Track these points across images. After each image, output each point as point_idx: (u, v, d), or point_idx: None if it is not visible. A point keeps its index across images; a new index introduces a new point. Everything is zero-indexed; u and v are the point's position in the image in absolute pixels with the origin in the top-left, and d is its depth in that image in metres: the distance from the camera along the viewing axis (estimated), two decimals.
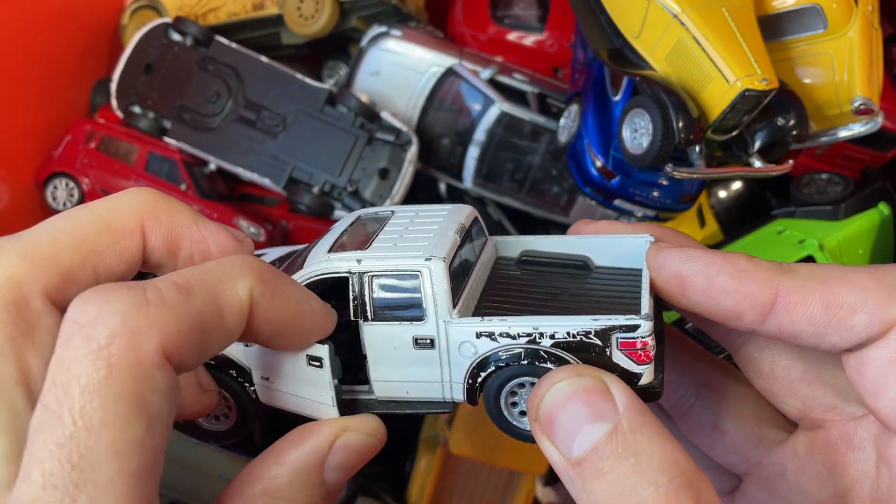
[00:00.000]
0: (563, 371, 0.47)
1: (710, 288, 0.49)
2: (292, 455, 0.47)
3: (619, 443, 0.41)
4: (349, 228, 0.61)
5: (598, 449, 0.42)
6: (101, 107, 1.22)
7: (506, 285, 0.60)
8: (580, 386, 0.45)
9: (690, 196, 0.99)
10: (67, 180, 1.14)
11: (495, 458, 1.06)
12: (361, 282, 0.54)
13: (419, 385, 0.55)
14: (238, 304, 0.43)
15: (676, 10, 0.83)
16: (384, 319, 0.54)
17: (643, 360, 0.50)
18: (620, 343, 0.49)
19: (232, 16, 1.20)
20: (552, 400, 0.45)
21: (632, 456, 0.41)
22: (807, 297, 0.47)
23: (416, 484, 1.14)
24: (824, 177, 1.05)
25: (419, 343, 0.53)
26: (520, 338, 0.51)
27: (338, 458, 0.48)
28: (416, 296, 0.53)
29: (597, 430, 0.42)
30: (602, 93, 0.98)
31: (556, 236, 0.63)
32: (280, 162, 1.12)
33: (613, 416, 0.43)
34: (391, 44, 1.18)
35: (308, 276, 0.55)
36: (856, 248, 0.98)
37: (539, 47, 1.25)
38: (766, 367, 0.54)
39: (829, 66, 0.91)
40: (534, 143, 1.14)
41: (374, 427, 0.51)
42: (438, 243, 0.55)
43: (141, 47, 1.15)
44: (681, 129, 0.80)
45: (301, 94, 1.12)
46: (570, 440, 0.43)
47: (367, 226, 0.61)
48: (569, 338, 0.50)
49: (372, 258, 0.54)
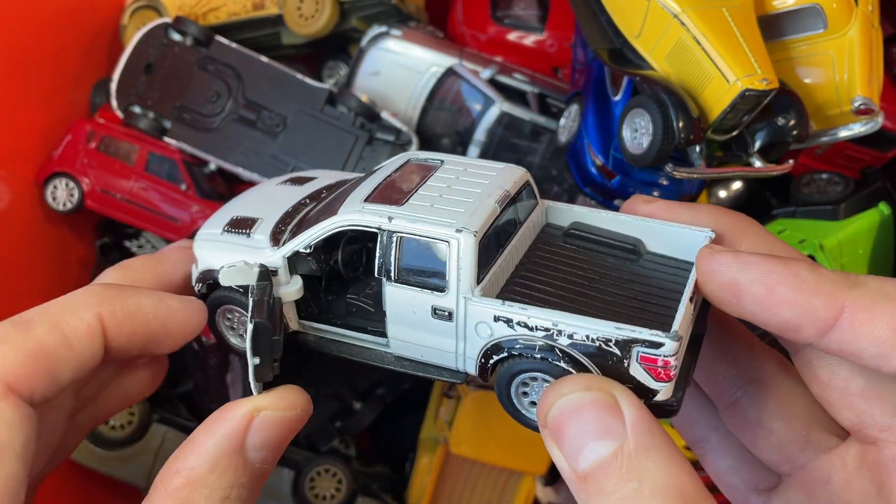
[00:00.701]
0: (573, 381, 0.45)
1: (768, 298, 0.46)
2: (208, 443, 0.47)
3: (624, 464, 0.40)
4: (395, 174, 0.60)
5: (602, 467, 0.41)
6: (102, 107, 1.22)
7: (546, 259, 0.58)
8: (589, 399, 0.44)
9: (690, 196, 0.99)
10: (67, 180, 1.14)
11: (495, 458, 1.06)
12: (390, 240, 0.53)
13: (434, 352, 0.55)
14: (85, 328, 0.45)
15: (676, 10, 0.83)
16: (406, 283, 0.53)
17: (662, 378, 0.48)
18: (641, 357, 0.47)
19: (232, 16, 1.20)
20: (560, 410, 0.44)
21: (635, 480, 0.40)
22: (875, 315, 0.44)
23: (416, 484, 1.14)
24: (824, 177, 1.05)
25: (437, 313, 0.52)
26: (537, 330, 0.49)
27: (257, 437, 0.48)
28: (441, 266, 0.52)
29: (602, 448, 0.41)
30: (602, 93, 0.98)
31: (611, 213, 0.60)
32: (280, 162, 1.12)
33: (620, 434, 0.41)
34: (391, 44, 1.18)
35: (339, 224, 0.55)
36: (856, 248, 0.98)
37: (539, 47, 1.25)
38: (823, 376, 0.51)
39: (830, 66, 0.91)
40: (534, 142, 1.14)
41: (291, 401, 0.51)
42: (476, 212, 0.53)
43: (141, 47, 1.15)
44: (681, 128, 0.80)
45: (301, 93, 1.12)
46: (576, 453, 0.42)
47: (413, 175, 0.60)
48: (587, 341, 0.48)
49: (404, 218, 0.53)
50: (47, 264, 1.18)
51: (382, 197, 0.56)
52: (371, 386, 1.19)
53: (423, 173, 0.59)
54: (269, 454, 0.49)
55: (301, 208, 0.63)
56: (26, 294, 1.13)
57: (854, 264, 0.98)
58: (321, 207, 0.61)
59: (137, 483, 1.12)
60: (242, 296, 0.58)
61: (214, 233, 0.63)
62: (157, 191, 1.13)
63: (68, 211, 1.14)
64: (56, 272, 1.20)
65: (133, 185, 1.14)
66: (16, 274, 1.11)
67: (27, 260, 1.14)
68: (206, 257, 0.61)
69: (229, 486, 0.46)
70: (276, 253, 0.57)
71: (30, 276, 1.14)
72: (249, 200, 0.68)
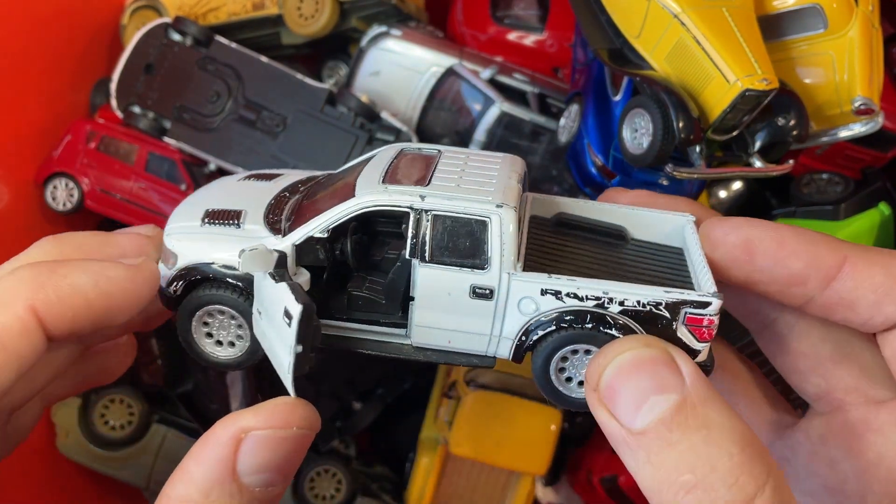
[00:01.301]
0: (629, 341, 0.46)
1: (780, 250, 0.49)
2: (197, 472, 0.44)
3: (690, 414, 0.41)
4: (395, 161, 0.58)
5: (665, 420, 0.41)
6: (101, 107, 1.22)
7: (546, 246, 0.58)
8: (647, 356, 0.44)
9: (691, 196, 0.99)
10: (67, 180, 1.14)
11: (495, 458, 1.06)
12: (422, 219, 0.51)
13: (464, 336, 0.53)
14: (18, 325, 0.42)
15: (677, 10, 0.83)
16: (442, 263, 0.51)
17: (705, 337, 0.49)
18: (688, 318, 0.49)
19: (232, 16, 1.20)
20: (616, 369, 0.44)
21: (703, 427, 0.41)
22: (871, 265, 0.48)
23: (416, 484, 1.14)
24: (825, 177, 1.05)
25: (477, 292, 0.51)
26: (587, 300, 0.49)
27: (249, 461, 0.44)
28: (482, 243, 0.51)
29: (664, 401, 0.42)
30: (602, 93, 0.98)
31: (593, 202, 0.61)
32: (280, 162, 1.12)
33: (681, 388, 0.42)
34: (391, 44, 1.18)
35: (362, 206, 0.52)
36: None
37: (539, 47, 1.25)
38: (794, 344, 0.54)
39: (830, 66, 0.91)
40: (534, 143, 1.14)
41: (283, 417, 0.46)
42: (506, 190, 0.52)
43: (141, 47, 1.15)
44: (681, 129, 0.80)
45: (301, 94, 1.12)
46: (633, 411, 0.42)
47: (416, 162, 0.58)
48: (638, 307, 0.49)
49: (437, 196, 0.51)
50: None
51: (399, 179, 0.54)
52: (371, 386, 1.19)
53: (426, 161, 0.58)
54: (272, 476, 0.45)
55: (285, 200, 0.60)
56: None
57: None
58: (319, 197, 0.58)
59: (137, 483, 1.12)
60: (233, 293, 0.54)
61: (192, 225, 0.57)
62: (157, 191, 1.13)
63: (68, 211, 1.14)
64: None
65: (133, 186, 1.14)
66: None
67: None
68: (191, 250, 0.55)
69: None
70: (284, 241, 0.54)
71: None
72: (217, 195, 0.63)
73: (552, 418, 1.03)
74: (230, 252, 0.54)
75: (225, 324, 0.57)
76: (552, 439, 1.03)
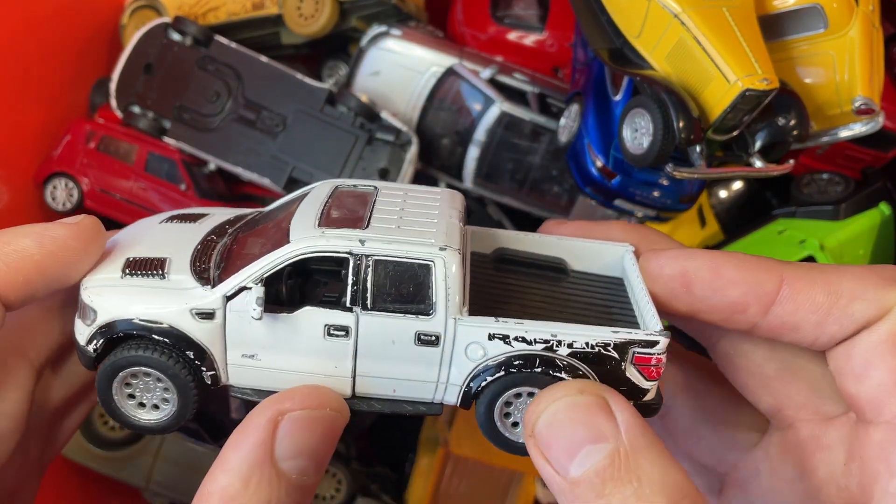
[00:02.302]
0: (563, 387, 0.45)
1: (716, 279, 0.49)
2: (236, 458, 0.44)
3: (622, 465, 0.40)
4: (330, 200, 0.55)
5: (598, 471, 0.41)
6: (101, 106, 1.22)
7: (489, 286, 0.57)
8: (582, 403, 0.44)
9: (691, 196, 0.99)
10: (67, 180, 1.14)
11: (495, 458, 1.06)
12: (363, 265, 0.49)
13: (409, 384, 0.52)
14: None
15: (677, 10, 0.83)
16: (385, 310, 0.50)
17: (654, 375, 0.49)
18: (636, 358, 0.48)
19: (232, 15, 1.20)
20: (551, 417, 0.44)
21: (634, 480, 0.40)
22: (811, 284, 0.47)
23: (416, 484, 1.14)
24: (825, 177, 1.05)
25: (422, 339, 0.50)
26: (535, 344, 0.48)
27: (286, 446, 0.44)
28: (426, 287, 0.49)
29: (598, 451, 0.41)
30: (602, 93, 0.98)
31: (532, 234, 0.60)
32: (280, 162, 1.12)
33: (615, 436, 0.42)
34: (391, 43, 1.17)
35: (298, 252, 0.50)
36: (856, 248, 0.98)
37: (539, 47, 1.25)
38: (741, 363, 0.54)
39: (830, 66, 0.91)
40: (534, 142, 1.14)
41: (318, 399, 0.46)
42: (448, 231, 0.51)
43: (140, 47, 1.15)
44: (681, 128, 0.80)
45: (301, 93, 1.12)
46: (568, 459, 0.42)
47: (352, 200, 0.55)
48: (586, 349, 0.48)
49: (377, 240, 0.49)
50: None
51: (336, 222, 0.52)
52: None
53: (362, 199, 0.55)
54: (307, 463, 0.45)
55: (212, 244, 0.56)
56: None
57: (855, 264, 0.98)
58: (250, 241, 0.55)
59: (137, 483, 1.12)
60: (160, 353, 0.51)
61: (112, 277, 0.53)
62: (157, 191, 1.13)
63: (68, 211, 1.14)
64: None
65: (132, 185, 1.14)
66: None
67: None
68: (111, 305, 0.51)
69: (266, 501, 0.43)
70: (214, 292, 0.51)
71: None
72: (136, 240, 0.58)
73: None
74: (155, 306, 0.51)
75: (150, 385, 0.53)
76: None
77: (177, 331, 0.51)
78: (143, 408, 0.54)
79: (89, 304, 0.52)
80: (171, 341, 0.51)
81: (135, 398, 0.54)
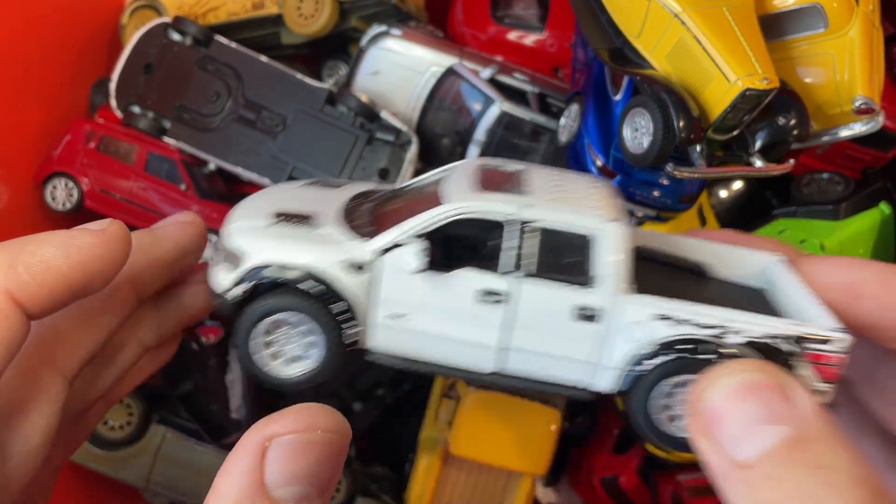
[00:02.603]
0: (741, 363, 0.41)
1: (884, 294, 0.45)
2: (225, 486, 0.40)
3: (805, 450, 0.37)
4: (480, 173, 0.53)
5: (776, 453, 0.37)
6: (101, 106, 1.22)
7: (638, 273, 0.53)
8: (761, 381, 0.40)
9: (691, 196, 0.99)
10: (67, 180, 1.14)
11: (495, 459, 1.06)
12: (524, 231, 0.47)
13: (559, 363, 0.48)
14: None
15: (677, 10, 0.83)
16: (545, 278, 0.47)
17: (830, 377, 0.46)
18: (812, 355, 0.45)
19: (231, 15, 1.20)
20: (721, 392, 0.40)
21: (819, 467, 0.36)
22: None
23: (416, 484, 1.14)
24: (825, 176, 1.05)
25: (582, 314, 0.47)
26: (706, 328, 0.46)
27: (276, 473, 0.40)
28: (589, 260, 0.47)
29: (776, 433, 0.38)
30: (602, 92, 0.98)
31: (674, 235, 0.57)
32: (280, 162, 1.12)
33: (795, 420, 0.38)
34: (391, 43, 1.18)
35: (460, 210, 0.48)
36: (856, 248, 0.98)
37: (539, 47, 1.25)
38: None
39: (830, 66, 0.91)
40: (534, 142, 1.14)
41: (308, 420, 0.42)
42: (615, 207, 0.49)
43: (140, 47, 1.15)
44: (681, 128, 0.80)
45: (301, 93, 1.12)
46: (739, 440, 0.38)
47: (503, 175, 0.53)
48: (762, 339, 0.45)
49: (543, 207, 0.47)
50: None
51: (496, 187, 0.50)
52: (371, 387, 1.19)
53: (515, 175, 0.53)
54: (305, 488, 0.40)
55: (360, 205, 0.55)
56: None
57: None
58: (399, 206, 0.53)
59: (137, 483, 1.12)
60: (304, 300, 0.49)
61: (260, 224, 0.52)
62: (157, 191, 1.13)
63: (68, 211, 1.14)
64: None
65: (132, 185, 1.14)
66: None
67: None
68: (261, 249, 0.50)
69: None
70: (369, 245, 0.49)
71: None
72: (281, 197, 0.58)
73: (552, 418, 1.03)
74: (305, 253, 0.49)
75: (291, 337, 0.51)
76: (552, 439, 1.03)
77: (327, 281, 0.49)
78: (278, 360, 0.52)
79: (236, 248, 0.51)
80: (319, 291, 0.49)
81: (276, 357, 0.52)
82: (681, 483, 1.09)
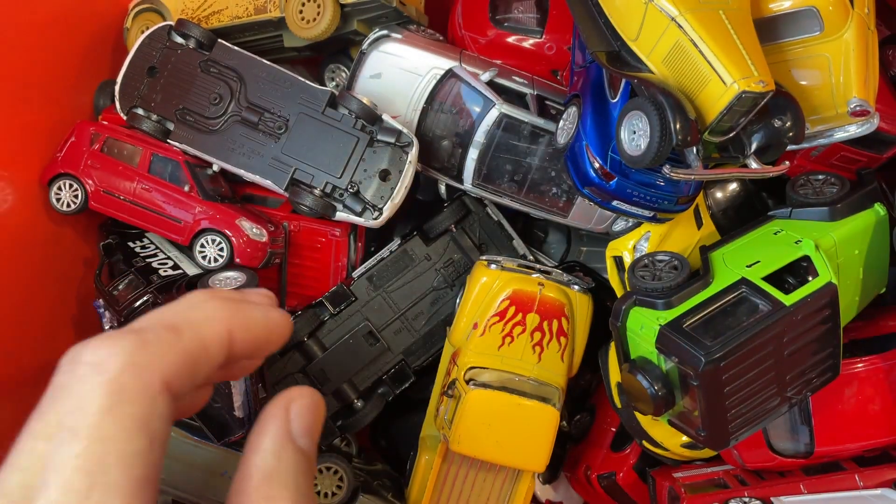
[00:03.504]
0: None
1: None
2: (263, 439, 0.49)
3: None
4: None
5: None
6: (105, 109, 1.23)
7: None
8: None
9: (688, 197, 1.00)
10: (71, 182, 1.15)
11: (494, 456, 1.07)
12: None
13: None
14: (218, 339, 0.49)
15: (674, 13, 0.84)
16: None
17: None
18: None
19: (234, 19, 1.22)
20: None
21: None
22: None
23: (416, 482, 1.15)
24: (820, 178, 1.06)
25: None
26: None
27: (298, 425, 0.51)
28: None
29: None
30: (600, 95, 0.99)
31: None
32: (282, 164, 1.13)
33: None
34: (392, 47, 1.19)
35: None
36: (851, 249, 0.99)
37: (538, 50, 1.26)
38: None
39: (826, 68, 0.92)
40: (533, 144, 1.15)
41: (311, 392, 0.54)
42: None
43: (144, 50, 1.16)
44: (678, 130, 0.81)
45: (303, 96, 1.13)
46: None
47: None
48: None
49: None
50: (51, 265, 1.19)
51: None
52: (372, 384, 1.20)
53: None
54: (311, 443, 0.51)
55: None
56: (30, 294, 1.14)
57: (850, 265, 0.99)
58: None
59: None
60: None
61: None
62: (161, 192, 1.14)
63: (72, 212, 1.15)
64: (60, 272, 1.21)
65: (136, 187, 1.15)
66: (20, 274, 1.12)
67: (31, 260, 1.15)
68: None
69: (295, 473, 0.49)
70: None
71: (34, 276, 1.15)
72: None
73: (551, 416, 1.03)
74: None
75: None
76: (551, 437, 1.04)
77: None
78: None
79: None
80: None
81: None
82: (677, 480, 1.10)
